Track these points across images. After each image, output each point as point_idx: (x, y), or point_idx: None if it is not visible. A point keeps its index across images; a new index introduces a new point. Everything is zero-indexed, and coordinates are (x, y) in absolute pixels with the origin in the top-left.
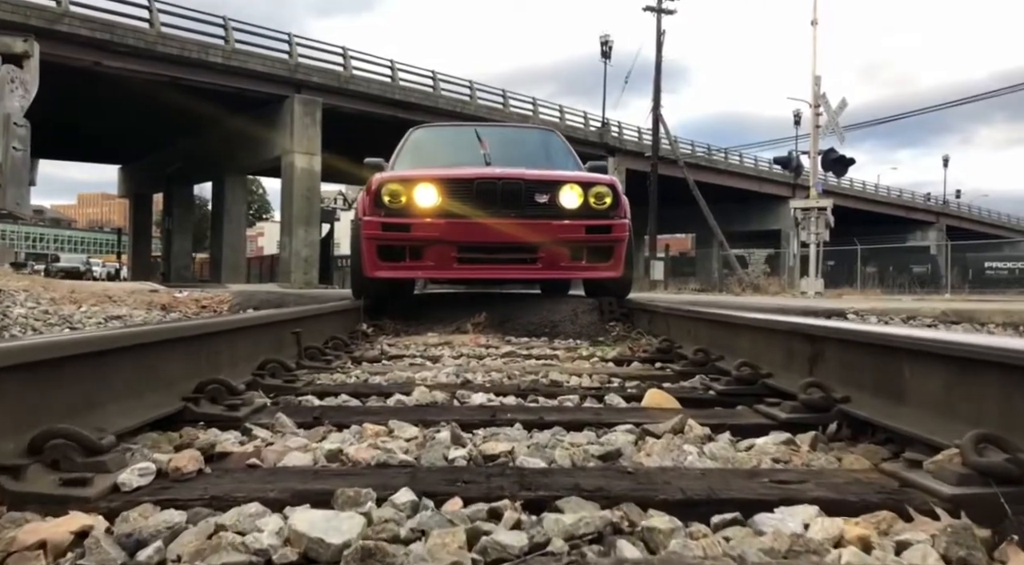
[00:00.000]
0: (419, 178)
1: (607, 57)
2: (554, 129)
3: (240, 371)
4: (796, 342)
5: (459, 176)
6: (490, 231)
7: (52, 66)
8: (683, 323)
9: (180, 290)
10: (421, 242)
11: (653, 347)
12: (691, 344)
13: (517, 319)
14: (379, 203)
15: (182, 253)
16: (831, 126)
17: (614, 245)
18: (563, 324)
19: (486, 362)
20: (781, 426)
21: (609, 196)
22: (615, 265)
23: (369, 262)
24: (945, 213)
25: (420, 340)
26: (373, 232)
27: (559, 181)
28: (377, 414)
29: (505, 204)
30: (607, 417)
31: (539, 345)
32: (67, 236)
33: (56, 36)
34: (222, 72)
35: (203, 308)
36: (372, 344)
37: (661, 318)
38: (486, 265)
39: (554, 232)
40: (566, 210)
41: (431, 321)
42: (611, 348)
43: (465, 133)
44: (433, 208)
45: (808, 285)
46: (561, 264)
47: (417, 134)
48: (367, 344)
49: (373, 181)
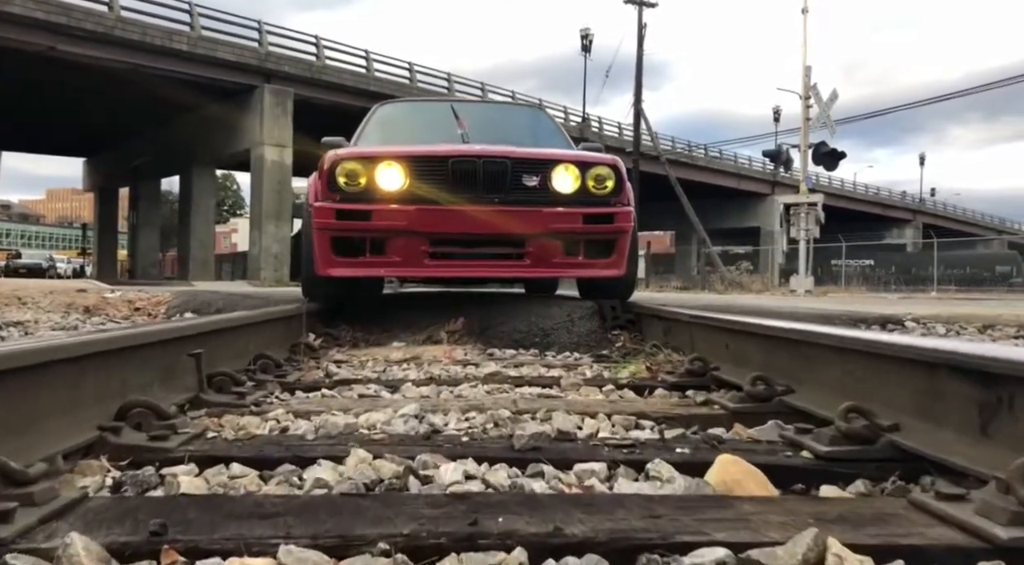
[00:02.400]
0: (382, 156)
1: (587, 51)
2: (542, 106)
3: (73, 427)
4: (947, 379)
5: (431, 154)
6: (469, 220)
7: (4, 51)
8: (716, 336)
9: (112, 289)
10: (384, 233)
11: (680, 367)
12: (732, 365)
13: (501, 326)
14: (333, 186)
15: (149, 249)
16: (822, 118)
17: (616, 237)
18: (557, 333)
19: (463, 391)
20: (999, 553)
21: (611, 179)
22: (617, 261)
23: (321, 257)
24: (921, 211)
25: (381, 354)
26: (326, 221)
27: (552, 160)
28: (269, 520)
29: (487, 188)
30: (670, 524)
31: (530, 361)
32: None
33: (7, 18)
34: (187, 60)
35: (136, 310)
36: (319, 361)
37: (683, 328)
38: (464, 261)
39: (545, 222)
40: (560, 195)
41: (398, 327)
42: (623, 366)
43: (440, 109)
44: (400, 192)
45: (798, 283)
46: (553, 260)
47: (384, 110)
48: (312, 361)
49: (326, 159)
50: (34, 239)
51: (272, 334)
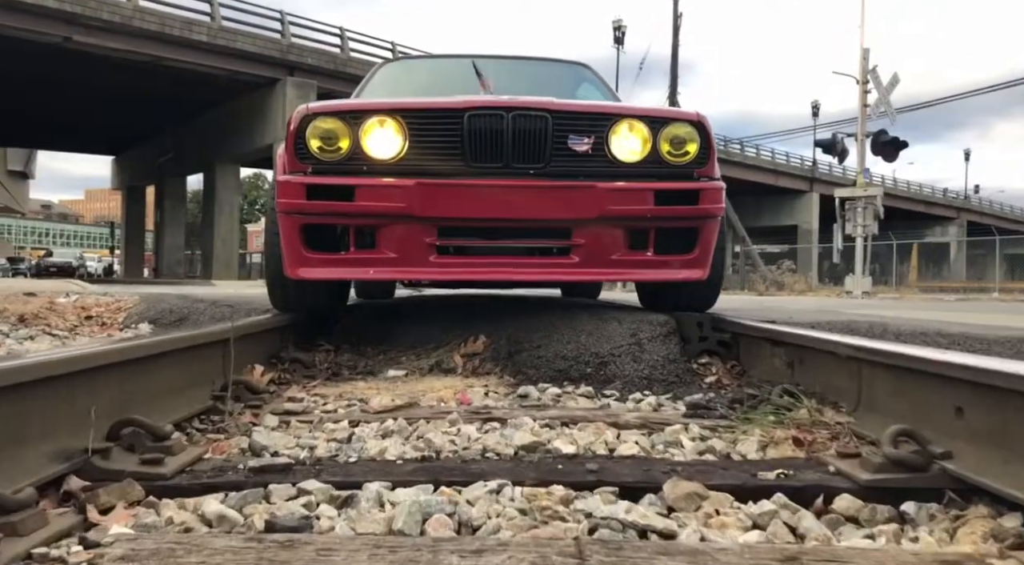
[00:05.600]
0: (372, 109)
1: (620, 43)
2: (588, 65)
3: None
4: None
5: (440, 106)
6: (492, 201)
7: (19, 42)
8: (929, 389)
9: (68, 294)
10: (375, 218)
11: (850, 439)
12: (970, 446)
13: (537, 348)
14: (303, 152)
15: (174, 248)
16: (881, 104)
17: (701, 224)
18: (618, 361)
19: (479, 503)
20: None
21: (694, 141)
22: (700, 258)
23: (289, 253)
24: (966, 208)
25: (364, 393)
26: (293, 202)
27: (611, 114)
28: None
29: (519, 154)
30: None
31: (585, 411)
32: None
33: (20, 7)
34: (207, 51)
35: (87, 319)
36: (258, 412)
37: (837, 366)
38: (484, 258)
39: (601, 202)
40: (622, 165)
41: (398, 346)
42: (740, 429)
43: (459, 66)
44: (396, 161)
45: (854, 283)
46: (612, 257)
47: (389, 68)
48: (249, 412)
49: (294, 116)
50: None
51: (191, 369)
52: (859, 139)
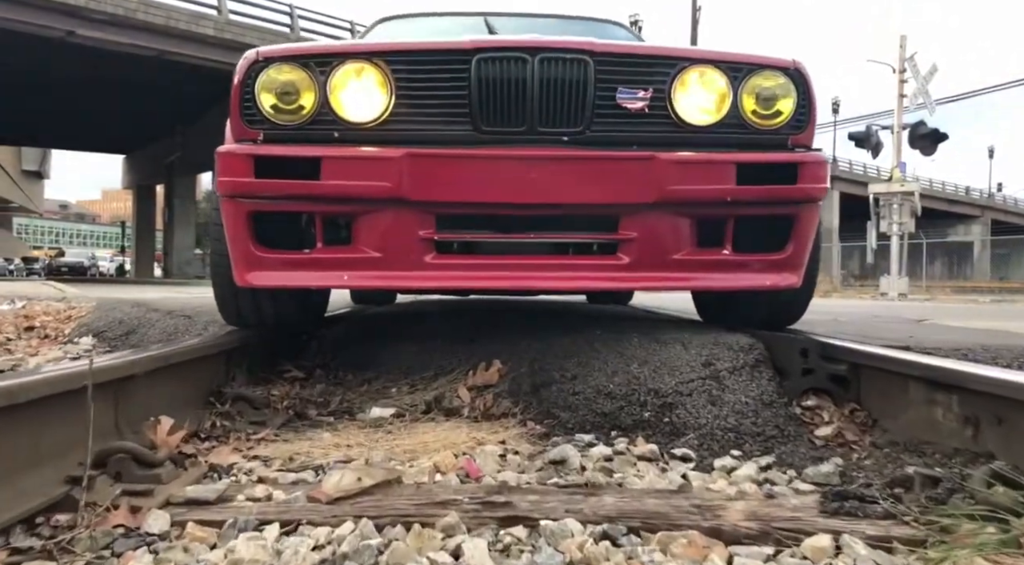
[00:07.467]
0: (345, 52)
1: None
2: (623, 23)
3: None
4: None
5: (439, 47)
6: (510, 180)
7: (21, 36)
8: None
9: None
10: (349, 203)
11: None
12: None
13: (571, 379)
14: (252, 113)
15: (184, 247)
16: (920, 95)
17: (798, 211)
18: (689, 401)
19: None
20: None
21: (789, 96)
22: (795, 259)
23: (237, 252)
24: (990, 206)
25: (320, 453)
26: (238, 180)
27: (676, 59)
28: None
29: (547, 115)
30: None
31: (658, 496)
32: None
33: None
34: (214, 46)
35: (28, 330)
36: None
37: None
38: (500, 259)
39: (663, 180)
40: (692, 128)
41: (386, 374)
42: (942, 552)
43: (470, 24)
44: (378, 123)
45: (889, 285)
46: (674, 257)
47: (387, 26)
48: (113, 510)
49: (240, 64)
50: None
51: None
52: (895, 131)
